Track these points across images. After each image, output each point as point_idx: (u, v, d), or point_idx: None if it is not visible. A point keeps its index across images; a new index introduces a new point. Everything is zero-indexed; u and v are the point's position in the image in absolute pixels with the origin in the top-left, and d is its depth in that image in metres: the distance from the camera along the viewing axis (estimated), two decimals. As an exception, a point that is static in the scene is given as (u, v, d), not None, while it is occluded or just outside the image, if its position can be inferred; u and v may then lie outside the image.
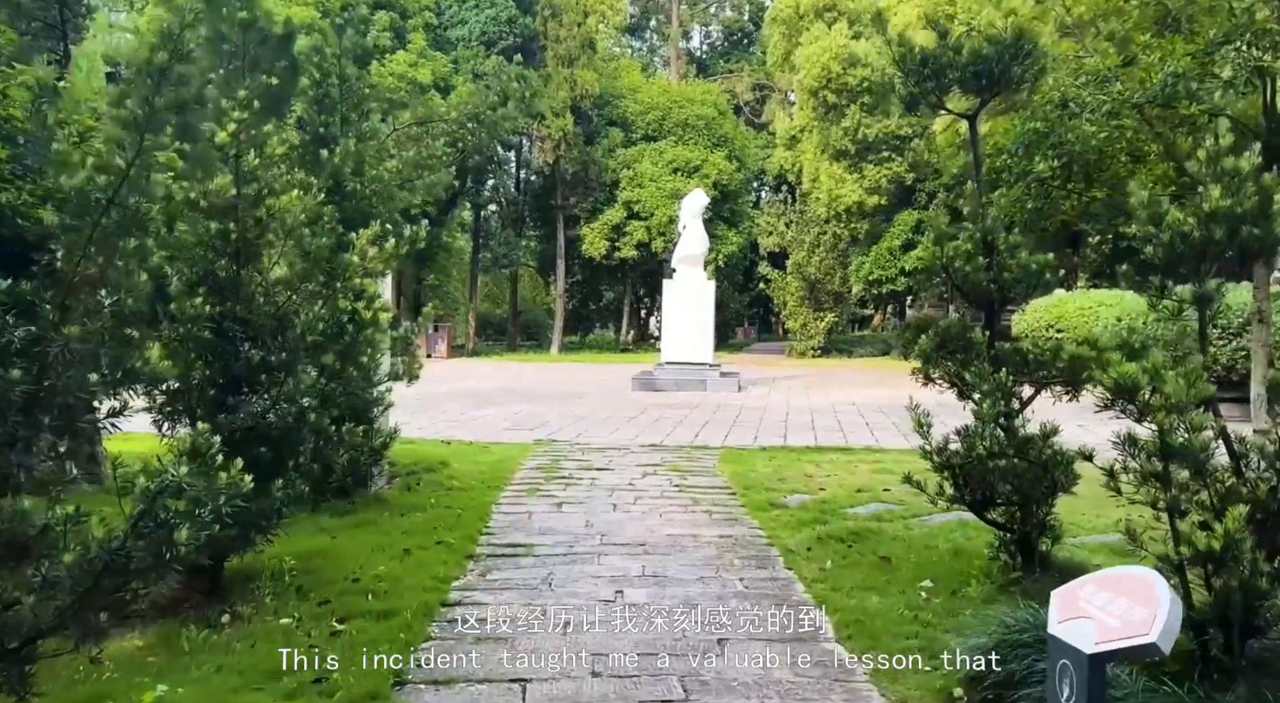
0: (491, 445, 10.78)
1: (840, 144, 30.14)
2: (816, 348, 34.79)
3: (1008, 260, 4.88)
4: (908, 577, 5.19)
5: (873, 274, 32.19)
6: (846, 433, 12.30)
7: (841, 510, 7.13)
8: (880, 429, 12.71)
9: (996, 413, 4.55)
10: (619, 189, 35.72)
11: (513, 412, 14.64)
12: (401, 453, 9.20)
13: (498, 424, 13.05)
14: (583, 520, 6.80)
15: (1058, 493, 4.65)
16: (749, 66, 55.99)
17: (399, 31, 29.25)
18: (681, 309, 19.54)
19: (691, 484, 8.35)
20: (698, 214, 20.08)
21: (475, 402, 16.34)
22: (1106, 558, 5.19)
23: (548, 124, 32.90)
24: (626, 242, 35.35)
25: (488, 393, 18.24)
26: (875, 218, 31.99)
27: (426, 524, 6.41)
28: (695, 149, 36.03)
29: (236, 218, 4.68)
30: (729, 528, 6.60)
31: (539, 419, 13.65)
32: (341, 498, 6.63)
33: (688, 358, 19.46)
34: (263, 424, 4.51)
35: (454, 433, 11.97)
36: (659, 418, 13.96)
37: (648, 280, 45.90)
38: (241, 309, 4.61)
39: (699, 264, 20.06)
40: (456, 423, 13.13)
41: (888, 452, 10.46)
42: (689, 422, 13.49)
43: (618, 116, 36.85)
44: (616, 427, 12.84)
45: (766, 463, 9.59)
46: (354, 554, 5.47)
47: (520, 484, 8.27)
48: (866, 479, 8.58)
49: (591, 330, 52.39)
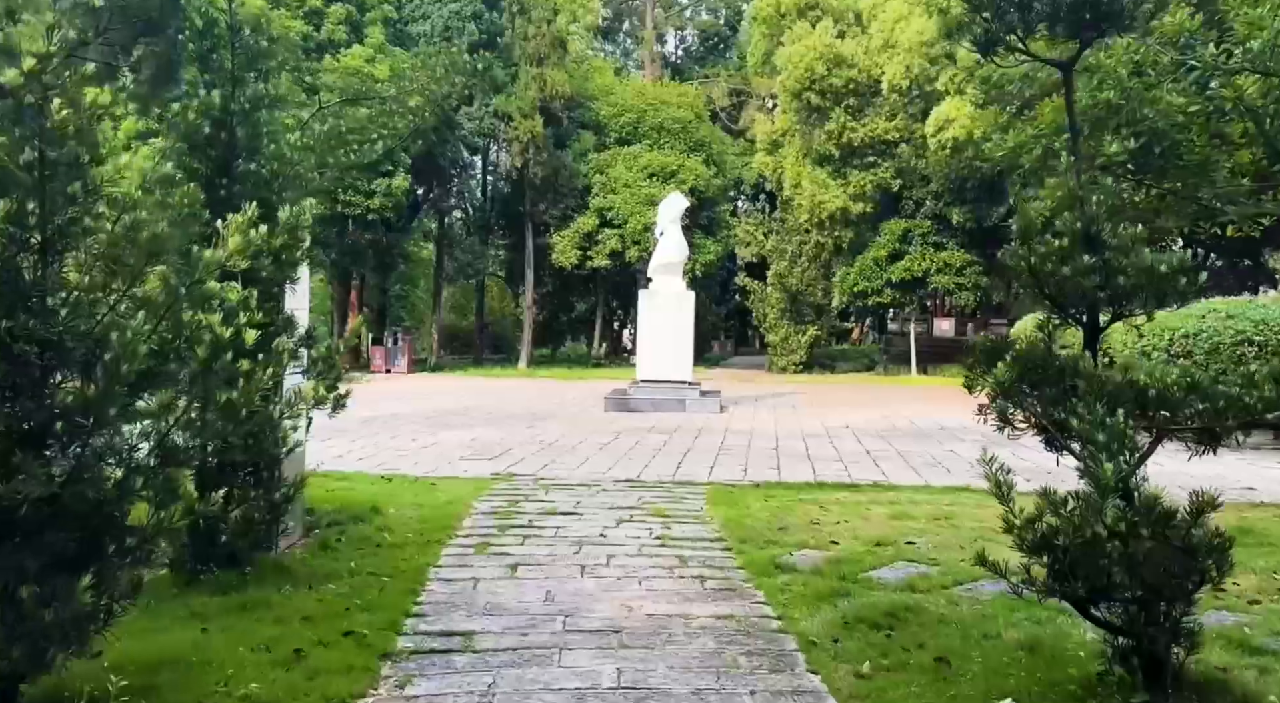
0: (441, 481, 9.39)
1: (824, 148, 29.03)
2: (798, 363, 33.65)
3: (1120, 260, 3.61)
4: (979, 692, 3.88)
5: (857, 286, 31.07)
6: (848, 464, 11.02)
7: (864, 575, 5.83)
8: (885, 459, 11.44)
9: (1120, 476, 3.26)
10: (591, 195, 34.41)
11: (470, 438, 13.23)
12: (327, 496, 7.79)
13: (453, 452, 11.64)
14: (541, 591, 5.44)
15: (1204, 586, 3.37)
16: (726, 71, 55.12)
17: (355, 24, 27.85)
18: (659, 322, 18.22)
19: (677, 535, 7.01)
20: (676, 219, 18.80)
21: (431, 424, 14.92)
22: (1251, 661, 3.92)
23: (515, 126, 31.56)
24: (599, 250, 34.03)
25: (447, 413, 16.81)
26: (860, 226, 30.90)
27: (338, 603, 5.01)
28: (671, 154, 34.81)
29: (41, 194, 3.31)
30: (728, 603, 5.27)
31: (500, 446, 12.26)
32: (230, 568, 5.22)
33: (665, 375, 18.15)
34: (66, 495, 3.13)
35: (399, 464, 10.56)
36: (635, 444, 12.61)
37: (621, 291, 44.61)
38: (39, 326, 3.23)
39: (678, 273, 18.77)
40: (405, 451, 11.71)
41: (900, 489, 9.18)
42: (669, 449, 12.15)
43: (590, 119, 35.58)
44: (587, 456, 11.48)
45: (762, 504, 8.28)
46: (224, 660, 4.06)
47: (468, 536, 6.89)
48: (884, 527, 7.29)
49: (562, 344, 51.01)
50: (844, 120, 28.29)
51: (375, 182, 27.54)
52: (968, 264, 30.24)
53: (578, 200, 34.69)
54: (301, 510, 6.52)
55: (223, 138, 5.10)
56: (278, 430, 5.02)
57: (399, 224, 32.03)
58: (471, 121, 31.38)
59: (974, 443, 13.12)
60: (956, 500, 8.46)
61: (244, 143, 5.07)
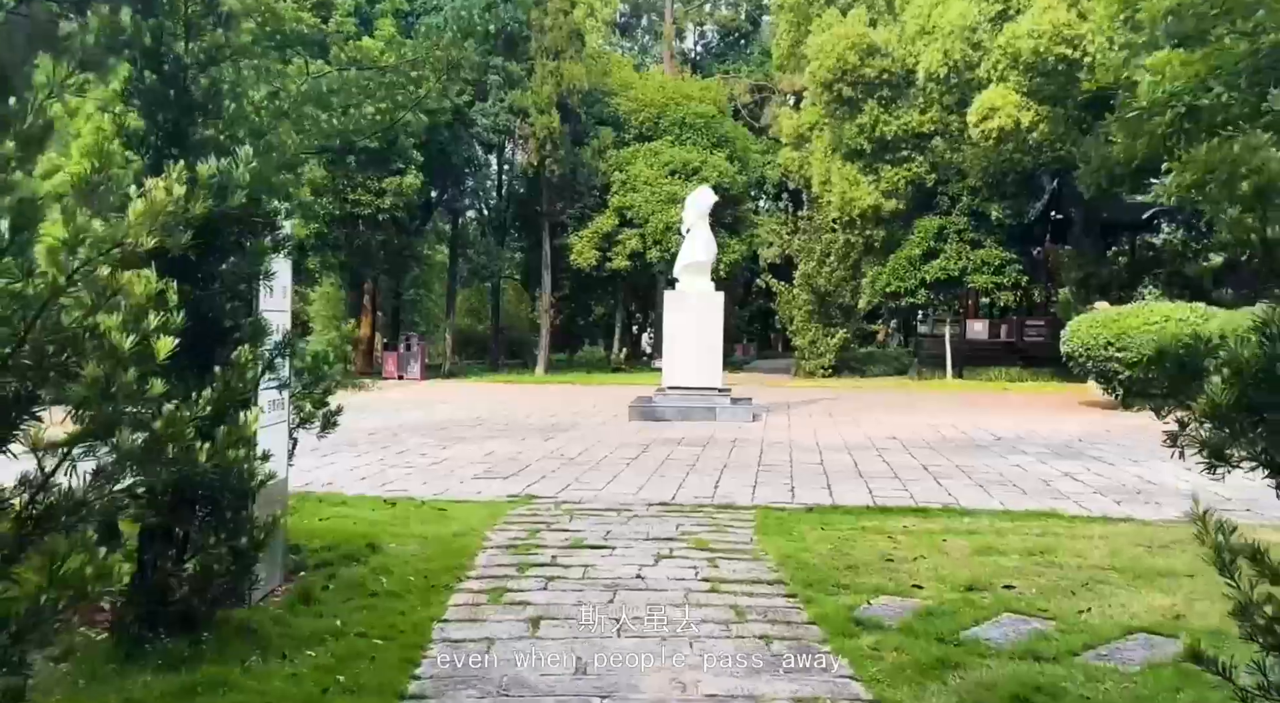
0: (451, 506, 8.40)
1: (855, 142, 27.88)
2: (826, 367, 32.51)
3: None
4: None
5: (890, 286, 29.88)
6: (906, 483, 9.95)
7: (966, 634, 4.78)
8: (947, 477, 10.36)
9: None
10: (610, 194, 33.41)
11: (485, 452, 12.25)
12: (319, 528, 6.83)
13: (465, 469, 10.67)
14: (571, 658, 4.43)
15: None
16: (746, 67, 54.11)
17: (365, 17, 26.98)
18: (685, 325, 17.17)
19: (727, 576, 5.98)
20: (704, 215, 17.74)
21: (442, 437, 13.95)
22: None
23: (531, 121, 30.60)
24: (619, 251, 33.02)
25: (459, 425, 15.84)
26: (892, 224, 29.72)
27: (315, 681, 4.01)
28: (694, 150, 33.76)
29: None
30: (806, 678, 4.23)
31: (517, 462, 11.27)
32: (184, 633, 4.23)
33: (693, 382, 17.11)
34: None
35: (407, 484, 9.59)
36: (666, 459, 11.59)
37: (641, 294, 43.66)
38: None
39: (706, 272, 17.71)
40: (413, 468, 10.74)
41: (976, 515, 8.10)
42: (703, 465, 11.12)
43: (609, 115, 34.59)
44: (614, 473, 10.47)
45: (820, 534, 7.23)
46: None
47: (481, 578, 5.89)
48: (970, 566, 6.23)
49: (580, 348, 50.10)
50: (877, 113, 27.14)
51: (386, 180, 26.65)
52: (1007, 262, 29.04)
53: (596, 199, 33.71)
54: (282, 552, 5.54)
55: (173, 97, 4.12)
56: (245, 461, 4.03)
57: (412, 225, 31.13)
58: (486, 118, 30.45)
59: (1037, 456, 12.02)
60: (1047, 529, 7.39)
61: (199, 102, 4.10)
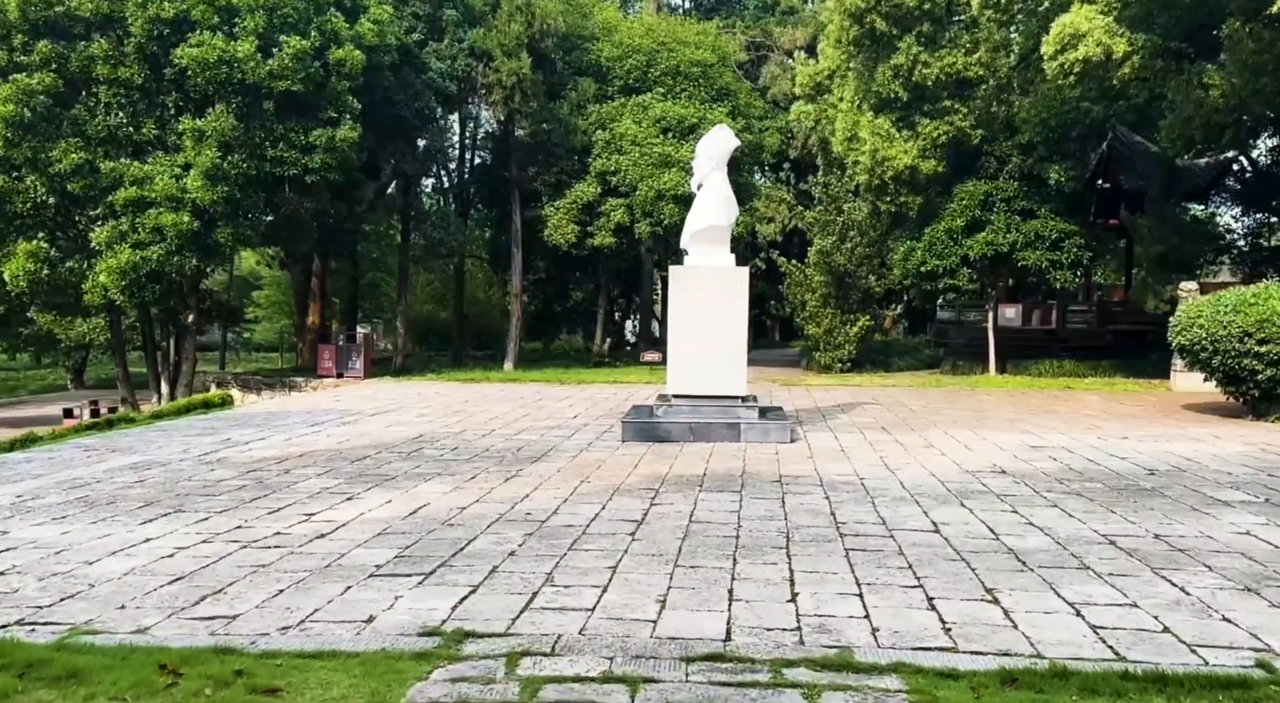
0: (297, 672, 4.33)
1: (888, 89, 23.77)
2: (845, 361, 28.58)
3: None
4: None
5: (926, 264, 25.85)
6: (1105, 578, 5.93)
7: None
8: (1163, 566, 6.36)
9: None
10: (592, 156, 29.17)
11: (408, 510, 8.17)
12: None
13: (361, 555, 6.62)
14: None
15: None
16: (741, 23, 50.13)
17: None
18: (698, 312, 13.06)
19: None
20: (723, 164, 13.59)
21: (353, 474, 9.87)
22: None
23: (497, 67, 26.34)
24: (602, 224, 28.85)
25: (388, 449, 11.73)
26: (930, 190, 25.71)
27: None
28: (690, 104, 29.59)
29: None
30: None
31: (453, 536, 7.22)
32: None
33: (708, 388, 13.07)
34: None
35: (237, 603, 5.51)
36: (689, 524, 7.55)
37: (624, 276, 39.57)
38: None
39: (724, 241, 13.59)
40: (270, 556, 6.64)
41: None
42: (754, 539, 7.09)
43: (589, 63, 30.37)
44: (610, 560, 6.44)
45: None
46: None
47: None
48: None
49: (556, 337, 45.99)
50: (915, 52, 23.06)
51: (314, 133, 22.36)
52: (1066, 235, 25.05)
53: (575, 163, 29.49)
54: None
55: None
56: None
57: (354, 193, 26.85)
58: (441, 61, 26.18)
59: (1248, 508, 8.12)
60: None
61: None
